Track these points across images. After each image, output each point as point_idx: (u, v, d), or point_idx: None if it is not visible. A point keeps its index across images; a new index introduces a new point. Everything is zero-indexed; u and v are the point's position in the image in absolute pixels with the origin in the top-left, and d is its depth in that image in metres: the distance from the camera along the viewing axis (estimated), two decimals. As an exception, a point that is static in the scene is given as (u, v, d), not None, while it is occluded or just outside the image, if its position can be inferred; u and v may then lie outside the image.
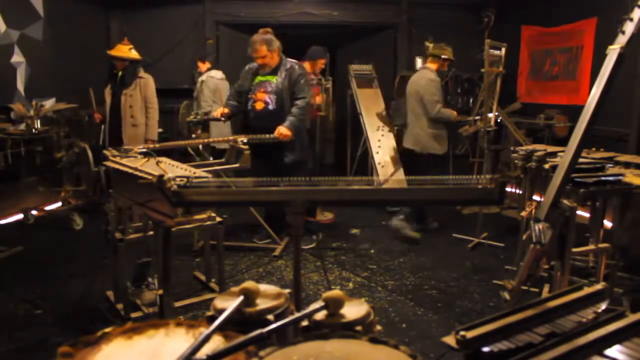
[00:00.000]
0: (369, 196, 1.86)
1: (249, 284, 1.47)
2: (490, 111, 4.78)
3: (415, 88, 5.03)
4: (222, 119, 4.47)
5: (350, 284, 3.78)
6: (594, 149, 3.46)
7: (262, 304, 1.48)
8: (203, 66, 6.19)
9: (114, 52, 5.07)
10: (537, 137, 5.80)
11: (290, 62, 4.45)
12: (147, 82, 5.06)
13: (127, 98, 4.99)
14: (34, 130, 4.86)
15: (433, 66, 5.04)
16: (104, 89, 5.16)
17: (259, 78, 4.44)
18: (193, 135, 4.43)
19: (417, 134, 5.03)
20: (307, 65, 5.91)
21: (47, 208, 5.22)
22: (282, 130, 4.18)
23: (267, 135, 4.16)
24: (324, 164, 6.29)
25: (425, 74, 5.00)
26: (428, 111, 4.91)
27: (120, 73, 5.05)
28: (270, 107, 4.35)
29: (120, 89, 5.02)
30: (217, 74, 6.13)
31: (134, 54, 5.04)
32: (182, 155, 4.75)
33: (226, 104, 4.57)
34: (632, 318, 1.15)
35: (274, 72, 4.38)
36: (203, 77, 6.03)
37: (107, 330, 1.20)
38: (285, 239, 4.60)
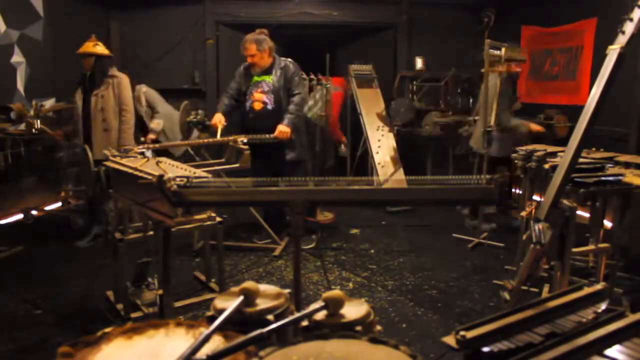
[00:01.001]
0: (369, 196, 1.86)
1: (249, 284, 1.48)
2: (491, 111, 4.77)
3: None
4: (221, 127, 4.32)
5: (350, 284, 3.78)
6: (594, 149, 3.45)
7: (262, 304, 1.49)
8: None
9: (79, 51, 4.49)
10: (537, 137, 5.80)
11: (284, 60, 4.46)
12: (120, 82, 4.47)
13: (98, 100, 4.42)
14: (34, 130, 4.85)
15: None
16: (74, 94, 4.63)
17: (255, 78, 4.45)
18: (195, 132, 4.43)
19: (478, 134, 4.94)
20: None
21: (47, 208, 5.22)
22: (282, 129, 4.20)
23: (267, 135, 4.17)
24: (325, 168, 6.27)
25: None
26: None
27: (89, 73, 4.51)
28: (269, 106, 4.37)
29: (90, 91, 4.46)
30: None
31: (100, 50, 4.46)
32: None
33: (222, 108, 4.50)
34: (632, 318, 1.15)
35: (269, 71, 4.40)
36: (143, 89, 5.25)
37: (107, 330, 1.20)
38: (285, 239, 4.60)
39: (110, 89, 4.43)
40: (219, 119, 4.34)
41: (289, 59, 4.51)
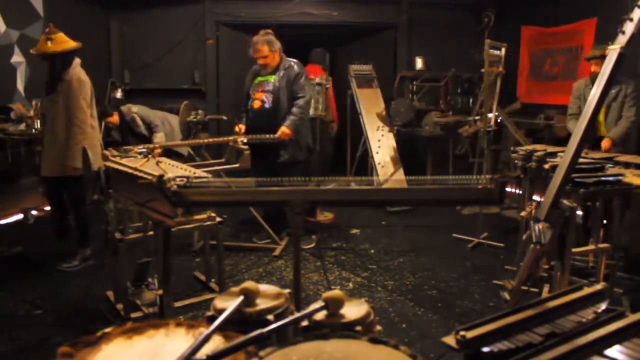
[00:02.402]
0: (369, 196, 1.86)
1: (249, 284, 1.47)
2: (490, 111, 4.77)
3: None
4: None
5: (350, 284, 3.78)
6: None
7: (262, 304, 1.48)
8: (115, 119, 5.18)
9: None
10: (537, 137, 5.81)
11: (289, 61, 4.45)
12: (71, 84, 3.71)
13: (51, 106, 3.79)
14: (34, 130, 4.85)
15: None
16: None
17: (259, 78, 4.46)
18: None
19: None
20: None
21: (47, 208, 5.22)
22: (283, 130, 4.20)
23: (268, 135, 4.17)
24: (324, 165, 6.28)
25: None
26: None
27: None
28: (267, 105, 4.36)
29: (47, 96, 3.86)
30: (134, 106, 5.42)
31: (52, 46, 3.70)
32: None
33: (242, 120, 4.54)
34: (632, 318, 1.15)
35: (273, 71, 4.40)
36: (134, 109, 5.20)
37: (107, 330, 1.20)
38: (285, 239, 4.60)
39: (60, 94, 3.73)
40: (238, 128, 4.45)
41: (294, 60, 4.50)
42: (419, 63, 7.12)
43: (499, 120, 5.17)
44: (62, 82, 3.72)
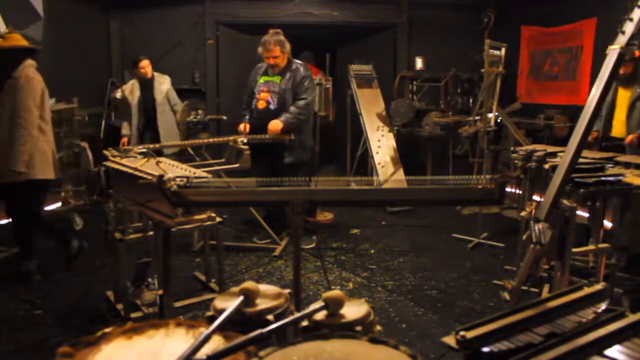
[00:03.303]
0: (369, 196, 1.87)
1: (249, 284, 1.48)
2: (490, 111, 4.77)
3: None
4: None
5: (350, 284, 3.78)
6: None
7: (262, 304, 1.49)
8: (148, 69, 5.26)
9: None
10: (537, 137, 5.81)
11: (296, 63, 4.45)
12: (18, 82, 3.47)
13: None
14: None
15: None
16: None
17: (265, 78, 4.44)
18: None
19: None
20: None
21: (47, 208, 5.22)
22: (274, 122, 4.18)
23: (267, 136, 4.16)
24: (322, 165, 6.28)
25: None
26: None
27: None
28: (272, 106, 4.36)
29: None
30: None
31: (0, 42, 3.56)
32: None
33: (245, 119, 4.52)
34: (632, 318, 1.16)
35: (281, 72, 4.38)
36: (169, 78, 5.29)
37: (107, 330, 1.20)
38: (285, 239, 4.60)
39: (8, 94, 3.49)
40: (244, 126, 4.43)
41: (301, 62, 4.50)
42: (419, 63, 7.12)
43: (499, 120, 5.18)
44: (10, 81, 3.49)
